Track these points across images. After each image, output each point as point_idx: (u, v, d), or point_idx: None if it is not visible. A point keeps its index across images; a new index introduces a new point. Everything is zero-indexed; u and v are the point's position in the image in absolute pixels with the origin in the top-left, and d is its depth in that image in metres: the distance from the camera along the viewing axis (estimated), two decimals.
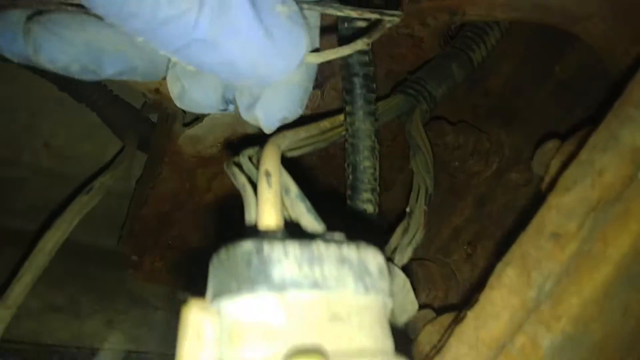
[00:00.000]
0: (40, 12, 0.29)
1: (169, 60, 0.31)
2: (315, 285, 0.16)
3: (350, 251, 0.17)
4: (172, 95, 0.31)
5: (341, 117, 0.46)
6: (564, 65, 0.62)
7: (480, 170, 0.62)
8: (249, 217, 0.24)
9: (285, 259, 0.16)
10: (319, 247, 0.17)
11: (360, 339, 0.16)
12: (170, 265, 0.76)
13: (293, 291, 0.15)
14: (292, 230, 0.20)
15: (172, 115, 0.69)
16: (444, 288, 0.56)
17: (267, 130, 0.34)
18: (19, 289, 0.38)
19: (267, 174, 0.24)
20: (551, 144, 0.40)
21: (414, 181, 0.50)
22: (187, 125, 0.67)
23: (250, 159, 0.32)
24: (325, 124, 0.43)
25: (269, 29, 0.24)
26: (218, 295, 0.16)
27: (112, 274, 0.76)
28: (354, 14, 0.33)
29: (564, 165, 0.29)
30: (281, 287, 0.15)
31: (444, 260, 0.60)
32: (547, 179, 0.36)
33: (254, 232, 0.21)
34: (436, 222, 0.64)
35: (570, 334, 0.26)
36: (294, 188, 0.26)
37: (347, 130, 0.43)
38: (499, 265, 0.28)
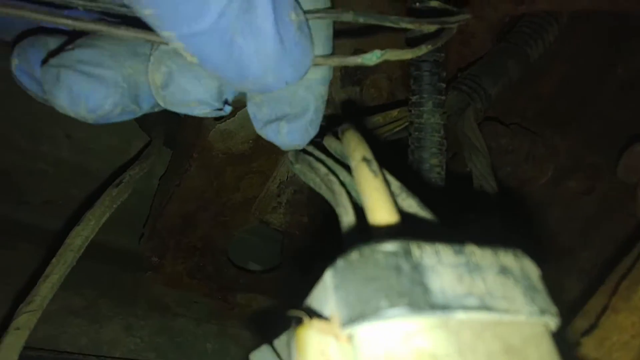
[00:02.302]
0: (61, 47, 0.25)
1: (152, 45, 0.25)
2: (482, 304, 0.11)
3: (509, 259, 0.13)
4: (153, 84, 0.25)
5: (403, 109, 0.42)
6: (627, 65, 0.58)
7: (535, 176, 0.58)
8: (347, 217, 0.19)
9: (441, 267, 0.12)
10: (474, 252, 0.13)
11: None
12: (193, 269, 0.72)
13: (459, 312, 0.11)
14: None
15: None
16: None
17: (285, 148, 0.31)
18: (46, 290, 0.34)
19: (367, 160, 0.20)
20: None
21: (475, 184, 0.46)
22: (218, 119, 0.64)
23: (318, 150, 0.28)
24: (394, 113, 0.39)
25: (282, 34, 0.23)
26: (355, 315, 0.11)
27: (130, 275, 0.72)
28: (411, 26, 0.29)
29: None
30: (444, 305, 0.11)
31: None
32: None
33: (362, 234, 0.16)
34: None
35: None
36: (393, 180, 0.21)
37: (411, 122, 0.39)
38: (625, 284, 0.23)
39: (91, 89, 0.23)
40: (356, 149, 0.22)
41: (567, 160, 0.57)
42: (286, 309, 0.14)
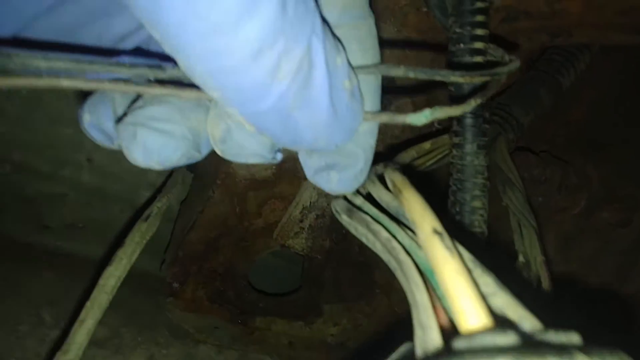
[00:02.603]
0: (130, 103, 0.27)
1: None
2: None
3: None
4: (212, 138, 0.27)
5: (444, 138, 0.41)
6: None
7: (567, 206, 0.57)
8: (426, 322, 0.17)
9: None
10: None
11: None
12: (214, 294, 0.71)
13: None
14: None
15: None
16: None
17: (335, 194, 0.31)
18: (82, 337, 0.33)
19: (438, 233, 0.19)
20: None
21: (512, 221, 0.45)
22: None
23: (369, 203, 0.27)
24: (427, 145, 0.38)
25: (335, 104, 0.23)
26: None
27: (151, 301, 0.71)
28: (462, 80, 0.28)
29: None
30: None
31: None
32: None
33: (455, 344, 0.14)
34: None
35: None
36: (463, 251, 0.20)
37: (453, 163, 0.38)
38: None
39: (163, 144, 0.25)
40: (423, 217, 0.21)
41: (601, 190, 0.56)
42: None
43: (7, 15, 0.23)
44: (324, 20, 0.22)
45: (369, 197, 0.32)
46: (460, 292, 0.16)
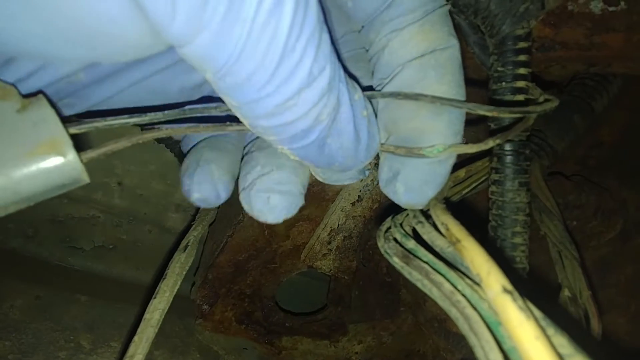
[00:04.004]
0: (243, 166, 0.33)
1: None
2: None
3: None
4: (316, 174, 0.34)
5: (478, 165, 0.41)
6: None
7: (602, 231, 0.56)
8: None
9: None
10: None
11: None
12: (242, 315, 0.72)
13: None
14: None
15: None
16: None
17: (406, 206, 0.33)
18: None
19: (509, 292, 0.19)
20: None
21: (552, 251, 0.44)
22: None
23: (423, 249, 0.28)
24: (461, 173, 0.38)
25: (357, 129, 0.28)
26: None
27: (182, 323, 0.72)
28: (489, 114, 0.29)
29: None
30: None
31: None
32: None
33: None
34: None
35: None
36: (535, 309, 0.20)
37: (493, 199, 0.38)
38: None
39: (289, 204, 0.30)
40: (489, 274, 0.21)
41: (637, 214, 0.55)
42: None
43: (111, 82, 0.28)
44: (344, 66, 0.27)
45: (415, 234, 0.32)
46: (540, 358, 0.16)
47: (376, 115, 0.31)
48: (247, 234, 0.66)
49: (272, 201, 0.30)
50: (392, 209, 0.35)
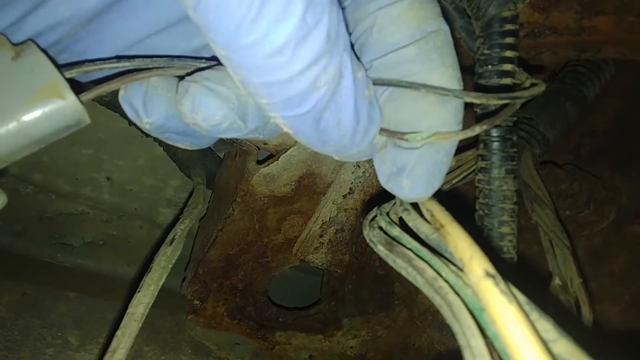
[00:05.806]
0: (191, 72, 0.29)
1: None
2: None
3: None
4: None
5: (468, 154, 0.40)
6: None
7: (595, 220, 0.55)
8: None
9: None
10: None
11: None
12: (234, 310, 0.71)
13: None
14: None
15: (243, 152, 0.65)
16: None
17: (410, 200, 0.31)
18: None
19: (491, 276, 0.18)
20: None
21: (543, 240, 0.44)
22: (260, 162, 0.63)
23: (408, 235, 0.27)
24: (451, 162, 0.37)
25: (358, 108, 0.26)
26: None
27: (173, 319, 0.71)
28: (477, 101, 0.28)
29: None
30: None
31: None
32: None
33: None
34: None
35: None
36: (518, 293, 0.19)
37: (479, 187, 0.37)
38: None
39: (208, 101, 0.26)
40: (472, 258, 0.20)
41: (630, 202, 0.55)
42: None
43: (111, 41, 0.27)
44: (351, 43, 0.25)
45: (402, 223, 0.31)
46: (522, 343, 0.15)
47: None
48: (237, 228, 0.65)
49: (190, 91, 0.27)
50: (384, 200, 0.34)
